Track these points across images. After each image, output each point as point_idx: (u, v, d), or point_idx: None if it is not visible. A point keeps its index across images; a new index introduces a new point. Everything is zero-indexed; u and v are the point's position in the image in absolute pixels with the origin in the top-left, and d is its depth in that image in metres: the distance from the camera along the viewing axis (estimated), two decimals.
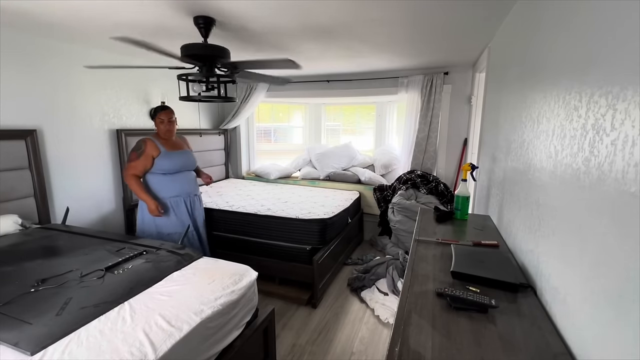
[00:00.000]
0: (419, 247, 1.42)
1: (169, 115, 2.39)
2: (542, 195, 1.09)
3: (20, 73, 2.36)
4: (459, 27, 2.11)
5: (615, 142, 0.67)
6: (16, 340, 1.06)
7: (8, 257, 1.69)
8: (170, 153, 2.38)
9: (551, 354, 0.78)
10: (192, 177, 2.55)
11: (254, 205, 3.01)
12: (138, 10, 1.85)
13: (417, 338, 0.83)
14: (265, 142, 5.09)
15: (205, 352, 1.30)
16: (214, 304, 1.36)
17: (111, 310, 1.26)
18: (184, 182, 2.46)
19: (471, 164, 1.87)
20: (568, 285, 0.84)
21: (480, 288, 1.01)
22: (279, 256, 2.72)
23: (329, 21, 2.00)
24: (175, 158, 2.41)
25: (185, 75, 2.26)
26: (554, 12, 1.10)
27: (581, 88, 0.84)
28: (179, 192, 2.43)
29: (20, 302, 1.28)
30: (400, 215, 3.31)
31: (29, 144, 2.37)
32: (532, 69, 1.31)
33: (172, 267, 1.62)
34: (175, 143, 2.47)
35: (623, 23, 0.68)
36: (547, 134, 1.08)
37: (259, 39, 2.39)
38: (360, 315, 2.45)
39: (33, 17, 1.98)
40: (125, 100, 3.16)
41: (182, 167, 2.45)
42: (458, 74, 3.48)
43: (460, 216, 1.80)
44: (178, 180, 2.43)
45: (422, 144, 3.63)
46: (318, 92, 4.14)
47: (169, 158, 2.36)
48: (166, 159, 2.35)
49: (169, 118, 2.38)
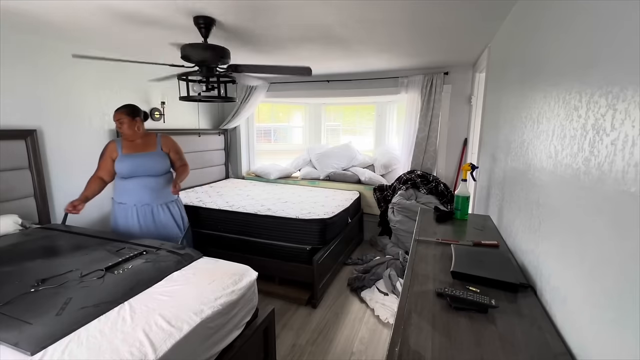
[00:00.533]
0: (419, 247, 1.42)
1: (117, 116, 2.16)
2: (542, 195, 1.09)
3: (20, 73, 2.36)
4: (459, 27, 2.11)
5: (615, 142, 0.67)
6: (16, 340, 1.06)
7: (8, 257, 1.69)
8: (124, 156, 2.18)
9: (551, 354, 0.78)
10: (149, 184, 2.22)
11: (254, 205, 3.01)
12: (137, 11, 1.85)
13: (417, 338, 0.83)
14: (265, 142, 5.10)
15: (205, 352, 1.30)
16: (214, 304, 1.36)
17: (111, 310, 1.26)
18: (134, 189, 2.20)
19: (471, 164, 1.87)
20: (568, 285, 0.84)
21: (480, 288, 1.01)
22: (279, 256, 2.72)
23: (329, 21, 2.00)
24: (127, 162, 2.17)
25: (186, 75, 2.26)
26: (554, 12, 1.10)
27: (581, 88, 0.84)
28: (126, 200, 2.21)
29: (20, 302, 1.28)
30: (400, 215, 3.31)
31: (29, 144, 2.37)
32: (532, 69, 1.31)
33: (172, 267, 1.62)
34: (139, 145, 2.24)
35: (623, 23, 0.68)
36: (547, 134, 1.08)
37: (259, 39, 2.39)
38: (360, 315, 2.45)
39: (33, 17, 1.98)
40: (125, 101, 3.13)
41: (135, 172, 2.18)
42: (458, 74, 3.48)
43: (460, 216, 1.79)
44: (129, 186, 2.20)
45: (422, 144, 3.63)
46: (318, 92, 4.14)
47: (121, 161, 2.17)
48: (119, 162, 2.17)
49: (118, 119, 2.16)
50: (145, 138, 2.28)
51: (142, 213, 2.22)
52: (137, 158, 2.19)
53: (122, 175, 2.19)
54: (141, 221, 2.22)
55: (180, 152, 2.41)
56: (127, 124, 2.16)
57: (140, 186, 2.20)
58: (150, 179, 2.22)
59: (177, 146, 2.40)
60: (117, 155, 2.18)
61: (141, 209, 2.22)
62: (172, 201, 2.35)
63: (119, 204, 2.23)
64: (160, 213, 2.27)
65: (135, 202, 2.21)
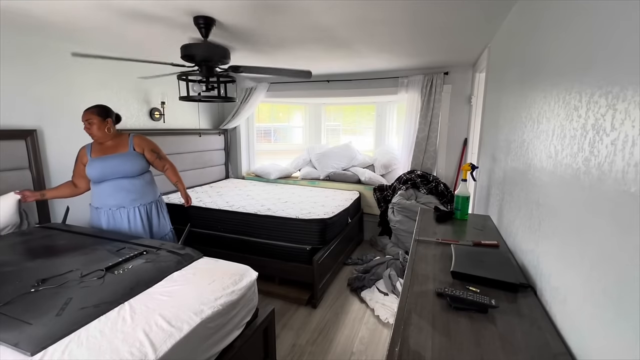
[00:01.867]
0: (419, 247, 1.42)
1: (86, 116, 2.04)
2: (542, 195, 1.09)
3: (20, 73, 2.36)
4: (459, 27, 2.11)
5: (615, 142, 0.67)
6: (16, 341, 1.06)
7: (8, 257, 1.69)
8: (93, 159, 2.09)
9: (551, 354, 0.78)
10: (124, 186, 2.12)
11: (254, 205, 3.01)
12: (138, 10, 1.85)
13: (417, 338, 0.83)
14: (265, 142, 5.10)
15: (205, 352, 1.30)
16: (214, 304, 1.36)
17: (111, 310, 1.26)
18: (108, 193, 2.11)
19: (471, 164, 1.87)
20: (568, 285, 0.84)
21: (480, 288, 1.02)
22: (279, 256, 2.72)
23: (330, 21, 2.00)
24: (95, 165, 2.08)
25: (186, 75, 2.26)
26: (554, 12, 1.10)
27: (581, 88, 0.84)
28: (99, 204, 2.14)
29: (20, 302, 1.28)
30: (400, 215, 3.31)
31: (29, 144, 2.37)
32: (532, 68, 1.31)
33: (172, 267, 1.62)
34: (109, 147, 2.13)
35: (623, 23, 0.68)
36: (547, 134, 1.08)
37: (259, 39, 2.39)
38: (360, 315, 2.45)
39: (33, 17, 1.98)
40: (125, 100, 3.16)
41: (105, 175, 2.08)
42: (458, 74, 3.48)
43: (460, 216, 1.80)
44: (102, 190, 2.12)
45: (422, 144, 3.63)
46: (318, 92, 4.14)
47: (90, 165, 2.08)
48: (88, 167, 2.09)
49: (87, 120, 2.04)
50: (116, 139, 2.16)
51: (117, 217, 2.14)
52: (106, 160, 2.09)
53: (93, 180, 2.11)
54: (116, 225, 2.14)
55: (157, 150, 2.28)
56: (97, 125, 2.04)
57: (114, 189, 2.11)
58: (124, 181, 2.12)
59: (152, 145, 2.26)
60: (87, 160, 2.11)
61: (116, 212, 2.13)
62: (150, 203, 2.23)
63: (95, 208, 2.17)
64: (137, 216, 2.16)
65: (111, 205, 2.12)
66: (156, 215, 2.27)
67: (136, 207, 2.16)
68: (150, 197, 2.24)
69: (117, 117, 2.20)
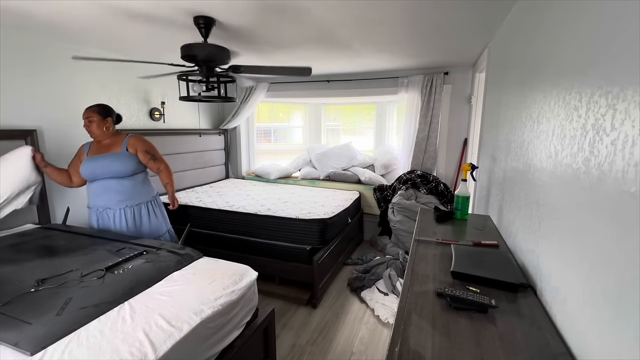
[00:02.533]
0: (419, 247, 1.42)
1: (87, 114, 2.07)
2: (542, 195, 1.09)
3: (21, 73, 2.36)
4: (459, 27, 2.11)
5: (615, 142, 0.67)
6: (16, 340, 1.06)
7: (8, 257, 1.69)
8: (87, 159, 2.10)
9: (551, 354, 0.78)
10: (112, 187, 2.10)
11: (254, 205, 3.01)
12: (138, 10, 1.85)
13: (417, 338, 0.83)
14: (265, 142, 5.10)
15: (205, 352, 1.30)
16: (214, 304, 1.36)
17: (111, 310, 1.26)
18: (97, 192, 2.11)
19: (471, 164, 1.87)
20: (568, 285, 0.84)
21: (480, 288, 1.01)
22: (279, 256, 2.72)
23: (330, 21, 2.00)
24: (87, 164, 2.09)
25: (186, 75, 2.26)
26: (554, 12, 1.10)
27: (581, 88, 0.84)
28: (90, 204, 2.16)
29: (20, 302, 1.28)
30: (400, 215, 3.31)
31: (29, 144, 2.36)
32: (532, 69, 1.31)
33: (172, 267, 1.62)
34: (105, 146, 2.14)
35: (623, 23, 0.68)
36: (547, 134, 1.08)
37: (259, 39, 2.39)
38: (360, 315, 2.45)
39: (33, 16, 1.98)
40: (125, 100, 3.16)
41: (95, 175, 2.08)
42: (458, 74, 3.48)
43: (460, 216, 1.80)
44: (91, 189, 2.13)
45: (422, 144, 3.63)
46: (318, 92, 4.14)
47: (84, 164, 2.10)
48: (82, 166, 2.10)
49: (87, 117, 2.07)
50: (113, 139, 2.16)
51: (105, 217, 2.13)
52: (97, 160, 2.08)
53: (85, 179, 2.13)
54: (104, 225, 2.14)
55: (152, 151, 2.22)
56: (96, 123, 2.06)
57: (102, 189, 2.10)
58: (112, 182, 2.09)
59: (147, 146, 2.21)
60: (84, 158, 2.13)
61: (104, 213, 2.13)
62: (139, 204, 2.19)
63: (88, 208, 2.19)
64: (122, 218, 2.13)
65: (99, 206, 2.13)
66: (147, 215, 2.22)
67: (122, 208, 2.13)
68: (141, 198, 2.20)
69: (117, 117, 2.22)
